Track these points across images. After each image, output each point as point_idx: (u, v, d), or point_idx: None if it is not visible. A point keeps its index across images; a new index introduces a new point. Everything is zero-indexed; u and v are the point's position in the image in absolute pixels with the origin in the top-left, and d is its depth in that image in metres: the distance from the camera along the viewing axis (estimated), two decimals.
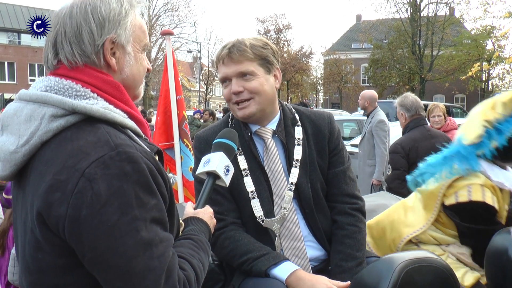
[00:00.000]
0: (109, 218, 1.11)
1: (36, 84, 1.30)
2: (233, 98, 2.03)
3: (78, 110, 1.21)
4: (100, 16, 1.28)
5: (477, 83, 34.79)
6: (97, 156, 1.14)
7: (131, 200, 1.14)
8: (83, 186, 1.11)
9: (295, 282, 1.84)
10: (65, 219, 1.12)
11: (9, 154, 1.22)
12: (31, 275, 1.25)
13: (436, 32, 36.05)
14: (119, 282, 1.14)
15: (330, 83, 45.41)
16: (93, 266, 1.15)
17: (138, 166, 1.17)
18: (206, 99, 48.98)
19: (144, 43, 1.41)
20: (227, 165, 1.65)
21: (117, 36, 1.31)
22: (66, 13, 1.29)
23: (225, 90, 2.06)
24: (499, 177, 2.31)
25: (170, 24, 38.85)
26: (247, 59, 1.99)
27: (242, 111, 2.02)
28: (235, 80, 2.00)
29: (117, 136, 1.21)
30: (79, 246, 1.14)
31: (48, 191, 1.14)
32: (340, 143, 2.17)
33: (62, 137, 1.20)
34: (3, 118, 1.28)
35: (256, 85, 2.00)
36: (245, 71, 1.99)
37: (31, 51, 38.84)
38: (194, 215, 1.56)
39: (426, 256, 1.67)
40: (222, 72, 2.04)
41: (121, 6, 1.32)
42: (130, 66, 1.37)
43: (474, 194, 2.26)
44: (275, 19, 46.24)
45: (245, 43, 2.00)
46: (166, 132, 4.55)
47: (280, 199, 2.04)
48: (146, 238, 1.15)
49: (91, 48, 1.28)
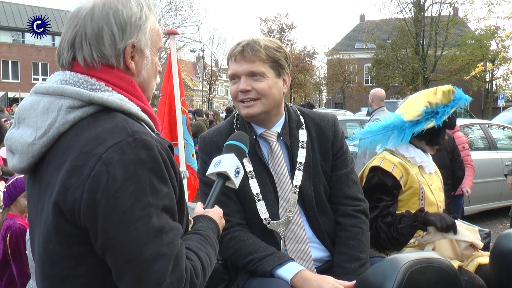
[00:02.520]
0: (123, 202, 1.13)
1: (52, 78, 1.31)
2: (240, 96, 2.03)
3: (95, 101, 1.23)
4: (122, 20, 1.29)
5: (480, 83, 34.65)
6: (115, 141, 1.16)
7: (145, 187, 1.16)
8: (99, 170, 1.13)
9: (301, 283, 1.84)
10: (80, 203, 1.14)
11: (26, 146, 1.24)
12: (43, 266, 1.27)
13: (439, 32, 35.92)
14: (129, 267, 1.15)
15: (333, 83, 45.34)
16: (104, 249, 1.17)
17: (153, 154, 1.19)
18: (209, 98, 48.99)
19: (159, 46, 1.43)
20: (237, 167, 1.66)
21: (138, 41, 1.33)
22: (87, 14, 1.29)
23: (232, 86, 2.06)
24: (411, 153, 2.64)
25: (173, 23, 38.84)
26: (260, 59, 1.99)
27: (247, 109, 2.02)
28: (244, 79, 2.00)
29: (134, 124, 1.24)
30: (93, 229, 1.16)
31: (65, 177, 1.16)
32: (343, 146, 2.18)
33: (79, 126, 1.22)
34: (19, 112, 1.30)
35: (265, 87, 2.00)
36: (255, 71, 1.99)
37: (35, 50, 38.91)
38: (204, 213, 1.58)
39: (431, 256, 1.67)
40: (232, 69, 2.04)
41: (141, 10, 1.34)
42: (147, 70, 1.39)
43: (384, 165, 2.60)
44: (279, 18, 46.26)
45: (259, 43, 2.00)
46: (170, 132, 4.60)
47: (285, 201, 2.04)
48: (157, 225, 1.17)
49: (111, 51, 1.29)
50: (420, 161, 2.65)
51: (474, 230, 2.52)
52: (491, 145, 7.85)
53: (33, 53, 39.13)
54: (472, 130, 8.08)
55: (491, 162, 7.47)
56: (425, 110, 2.58)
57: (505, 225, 7.40)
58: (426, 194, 2.59)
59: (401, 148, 2.65)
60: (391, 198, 2.55)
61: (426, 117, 2.58)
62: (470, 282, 2.28)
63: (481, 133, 7.99)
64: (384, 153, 2.68)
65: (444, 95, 2.61)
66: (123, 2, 1.32)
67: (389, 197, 2.55)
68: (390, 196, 2.55)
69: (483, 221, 7.65)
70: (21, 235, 3.19)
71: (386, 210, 2.52)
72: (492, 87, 37.85)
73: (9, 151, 1.31)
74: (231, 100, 39.01)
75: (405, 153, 2.64)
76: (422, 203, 2.59)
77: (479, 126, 8.17)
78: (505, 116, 13.51)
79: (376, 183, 2.56)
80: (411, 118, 2.60)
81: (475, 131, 8.09)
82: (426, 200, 2.59)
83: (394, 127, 2.66)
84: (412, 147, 2.67)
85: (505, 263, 1.96)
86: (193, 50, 43.75)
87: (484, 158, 7.38)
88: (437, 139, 2.67)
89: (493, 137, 8.02)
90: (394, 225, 2.46)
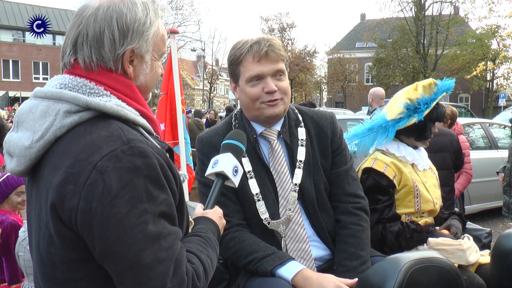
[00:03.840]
0: (119, 210, 1.13)
1: (51, 82, 1.32)
2: (265, 97, 1.99)
3: (92, 106, 1.23)
4: (124, 24, 1.29)
5: (481, 82, 34.63)
6: (109, 150, 1.16)
7: (141, 194, 1.16)
8: (95, 178, 1.14)
9: (302, 282, 1.84)
10: (77, 211, 1.15)
11: (24, 149, 1.25)
12: (45, 268, 1.27)
13: (440, 31, 35.91)
14: (129, 274, 1.16)
15: (334, 82, 45.34)
16: (103, 258, 1.17)
17: (149, 160, 1.19)
18: (210, 97, 49.00)
19: (162, 52, 1.42)
20: (235, 165, 1.65)
21: (138, 47, 1.32)
22: (91, 15, 1.29)
23: (254, 88, 2.00)
24: (401, 152, 2.63)
25: (174, 22, 38.81)
26: (281, 58, 2.01)
27: (273, 109, 2.00)
28: (270, 79, 1.99)
29: (129, 132, 1.23)
30: (90, 237, 1.16)
31: (61, 184, 1.16)
32: (342, 143, 2.18)
33: (76, 132, 1.22)
34: (19, 115, 1.31)
35: (287, 85, 2.03)
36: (280, 69, 2.00)
37: (36, 49, 38.95)
38: (203, 215, 1.57)
39: (432, 256, 1.67)
40: (257, 70, 1.98)
41: (147, 16, 1.33)
42: (145, 75, 1.39)
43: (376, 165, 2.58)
44: (279, 17, 46.28)
45: (277, 42, 2.02)
46: (172, 131, 4.61)
47: (285, 200, 2.04)
48: (154, 231, 1.17)
49: (110, 55, 1.29)
50: (412, 159, 2.65)
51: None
52: (492, 144, 7.84)
53: (34, 52, 39.16)
54: (473, 129, 8.07)
55: (492, 161, 7.45)
56: (406, 106, 2.60)
57: (506, 224, 7.40)
58: (421, 191, 2.59)
59: (391, 148, 2.65)
60: (388, 197, 2.55)
61: (408, 113, 2.60)
62: (469, 281, 2.28)
63: (482, 132, 7.98)
64: (376, 153, 2.68)
65: (425, 89, 2.62)
66: (129, 5, 1.31)
67: (385, 197, 2.54)
68: (387, 195, 2.55)
69: (483, 220, 7.65)
70: (13, 230, 3.22)
71: (386, 212, 2.51)
72: (493, 86, 37.83)
73: (7, 154, 1.32)
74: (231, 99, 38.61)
75: (396, 152, 2.63)
76: (417, 200, 2.59)
77: (480, 125, 8.16)
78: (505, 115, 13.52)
79: (371, 185, 2.55)
80: (393, 116, 2.63)
81: (475, 130, 8.08)
82: (421, 197, 2.59)
83: (379, 127, 2.69)
84: (403, 146, 2.67)
85: (506, 262, 1.95)
86: (193, 49, 43.79)
87: (485, 157, 7.37)
88: (425, 133, 2.67)
89: (493, 136, 8.01)
90: (403, 235, 2.46)
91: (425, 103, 2.58)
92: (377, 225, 2.47)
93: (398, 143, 2.68)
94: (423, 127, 2.63)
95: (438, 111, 2.66)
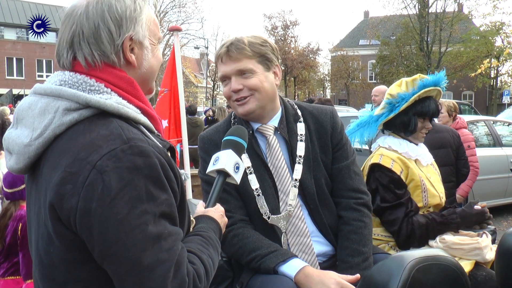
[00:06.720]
0: (119, 211, 1.12)
1: (51, 79, 1.31)
2: (233, 96, 2.03)
3: (92, 104, 1.22)
4: (117, 14, 1.28)
5: (485, 80, 34.53)
6: (109, 149, 1.15)
7: (141, 194, 1.14)
8: (94, 178, 1.12)
9: (303, 279, 1.83)
10: (76, 211, 1.13)
11: (23, 147, 1.23)
12: (44, 268, 1.25)
13: (444, 29, 35.80)
14: (129, 275, 1.14)
15: (337, 80, 45.26)
16: (103, 259, 1.16)
17: (149, 160, 1.17)
18: (213, 95, 49.01)
19: (158, 36, 1.42)
20: (236, 162, 1.64)
21: (135, 34, 1.31)
22: (82, 13, 1.28)
23: (225, 88, 2.07)
24: (404, 148, 2.66)
25: (177, 20, 38.89)
26: (246, 56, 1.99)
27: (242, 107, 2.02)
28: (234, 78, 2.01)
29: (129, 130, 1.22)
30: (89, 238, 1.14)
31: (60, 183, 1.15)
32: (343, 138, 2.17)
33: (75, 130, 1.21)
34: (18, 112, 1.29)
35: (256, 82, 2.00)
36: (243, 68, 1.99)
37: (39, 47, 39.00)
38: (204, 213, 1.56)
39: (436, 254, 1.66)
40: (221, 71, 2.05)
41: (135, 2, 1.32)
42: (148, 60, 1.38)
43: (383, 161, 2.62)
44: (283, 15, 46.11)
45: (243, 41, 2.00)
46: (175, 129, 4.61)
47: (285, 195, 2.04)
48: (154, 232, 1.15)
49: (110, 48, 1.28)
50: (415, 155, 2.66)
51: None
52: (496, 142, 7.81)
53: (38, 50, 39.22)
54: (477, 127, 8.04)
55: (496, 158, 7.43)
56: (387, 101, 2.67)
57: (510, 222, 7.37)
58: (427, 186, 2.61)
59: (393, 145, 2.68)
60: (405, 190, 2.58)
61: (389, 108, 2.67)
62: (489, 277, 2.29)
63: (486, 129, 7.95)
64: (381, 149, 2.69)
65: (408, 85, 2.66)
66: None
67: (402, 190, 2.57)
68: (403, 188, 2.58)
69: None
70: None
71: (410, 205, 2.55)
72: (497, 84, 37.70)
73: (6, 151, 1.30)
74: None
75: (398, 149, 2.66)
76: (425, 195, 2.61)
77: (484, 123, 8.14)
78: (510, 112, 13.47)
79: (389, 181, 2.57)
80: (377, 112, 2.72)
81: (480, 127, 8.06)
82: (428, 192, 2.61)
83: (364, 123, 2.78)
84: (405, 142, 2.69)
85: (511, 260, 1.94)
86: (197, 46, 43.79)
87: (489, 155, 7.35)
88: (409, 127, 2.67)
89: (498, 133, 7.98)
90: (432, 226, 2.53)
91: (402, 98, 2.62)
92: (405, 219, 2.51)
93: (400, 140, 2.70)
94: (407, 122, 2.66)
95: (423, 107, 2.65)
